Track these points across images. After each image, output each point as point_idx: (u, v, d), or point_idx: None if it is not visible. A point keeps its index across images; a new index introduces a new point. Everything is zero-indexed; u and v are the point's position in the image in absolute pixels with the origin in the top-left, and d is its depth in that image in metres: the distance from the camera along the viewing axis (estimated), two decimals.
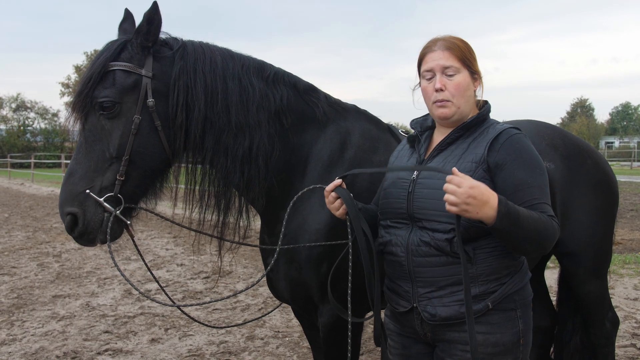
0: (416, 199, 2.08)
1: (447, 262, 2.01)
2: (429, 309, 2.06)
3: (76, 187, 2.30)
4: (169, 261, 8.72)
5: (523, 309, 2.07)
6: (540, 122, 3.44)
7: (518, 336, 2.04)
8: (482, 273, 2.00)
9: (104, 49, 2.41)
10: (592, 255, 3.20)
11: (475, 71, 2.13)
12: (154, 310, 6.15)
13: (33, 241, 10.74)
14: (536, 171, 1.99)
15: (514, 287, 2.04)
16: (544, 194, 1.97)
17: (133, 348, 5.06)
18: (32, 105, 57.49)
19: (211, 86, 2.46)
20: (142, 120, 2.37)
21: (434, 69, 2.10)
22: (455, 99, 2.08)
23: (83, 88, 2.34)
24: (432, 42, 2.15)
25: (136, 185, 2.40)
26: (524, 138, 2.04)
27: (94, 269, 8.19)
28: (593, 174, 3.21)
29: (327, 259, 2.56)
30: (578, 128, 63.40)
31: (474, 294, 1.99)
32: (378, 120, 2.97)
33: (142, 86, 2.38)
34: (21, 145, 51.35)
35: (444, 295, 2.04)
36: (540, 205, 1.94)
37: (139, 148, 2.37)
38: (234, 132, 2.48)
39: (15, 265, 8.53)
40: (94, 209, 2.30)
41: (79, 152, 2.35)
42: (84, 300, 6.57)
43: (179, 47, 2.48)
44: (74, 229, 2.32)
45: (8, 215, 14.86)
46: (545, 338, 3.71)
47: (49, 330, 5.54)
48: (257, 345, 5.08)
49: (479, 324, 1.99)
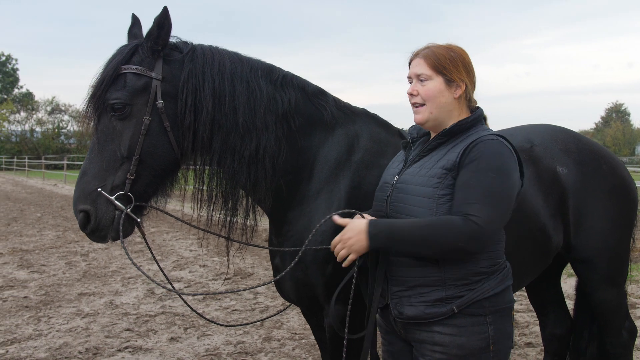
0: (392, 203, 2.22)
1: (416, 264, 2.12)
2: (398, 307, 2.18)
3: (88, 186, 2.39)
4: (192, 262, 8.85)
5: (495, 316, 2.09)
6: (556, 126, 3.40)
7: (487, 342, 2.07)
8: (449, 277, 2.08)
9: (116, 53, 2.49)
10: (607, 262, 3.15)
11: (453, 79, 2.17)
12: (174, 310, 6.25)
13: (63, 240, 11.03)
14: (487, 174, 2.01)
15: (485, 293, 2.07)
16: (481, 195, 1.99)
17: (152, 346, 5.16)
18: (66, 108, 58.89)
19: (219, 88, 2.52)
20: (152, 121, 2.44)
21: (411, 75, 2.24)
22: (427, 104, 2.19)
23: (96, 90, 2.43)
24: (420, 49, 2.26)
25: (146, 185, 2.48)
26: (494, 144, 2.06)
27: (119, 269, 8.37)
28: (609, 180, 3.16)
29: (332, 260, 2.58)
30: (613, 133, 62.00)
31: (440, 296, 2.08)
32: (388, 124, 2.98)
33: (152, 88, 2.45)
34: (55, 147, 52.73)
35: (412, 295, 2.14)
36: (465, 206, 1.99)
37: (149, 148, 2.44)
38: (241, 133, 2.53)
39: (45, 264, 8.77)
40: (105, 206, 2.38)
41: (91, 152, 2.44)
42: (108, 299, 6.72)
43: (188, 50, 2.55)
44: (86, 226, 2.40)
45: (40, 215, 15.28)
46: (560, 346, 3.66)
47: (73, 327, 5.69)
48: (274, 346, 5.13)
49: (445, 325, 2.08)
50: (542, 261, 3.07)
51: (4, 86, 63.48)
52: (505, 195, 2.02)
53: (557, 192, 3.05)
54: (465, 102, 2.22)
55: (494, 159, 2.03)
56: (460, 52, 2.21)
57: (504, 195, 2.02)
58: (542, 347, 4.95)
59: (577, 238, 3.12)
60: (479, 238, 1.97)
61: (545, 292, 3.70)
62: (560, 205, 3.05)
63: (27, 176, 36.98)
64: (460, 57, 2.19)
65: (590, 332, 3.49)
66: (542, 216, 2.97)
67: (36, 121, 57.73)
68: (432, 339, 2.11)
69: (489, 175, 2.00)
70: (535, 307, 3.79)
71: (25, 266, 8.55)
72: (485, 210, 1.97)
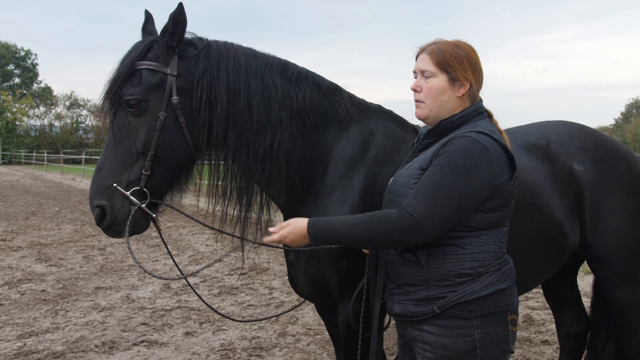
0: (385, 203, 2.27)
1: (404, 263, 2.14)
2: (390, 303, 2.23)
3: (104, 181, 2.42)
4: (208, 257, 8.91)
5: (483, 320, 2.03)
6: (573, 123, 3.36)
7: (473, 345, 2.03)
8: (432, 277, 2.07)
9: (132, 49, 2.51)
10: (623, 260, 3.11)
11: (458, 77, 2.12)
12: (190, 304, 6.30)
13: (80, 234, 11.16)
14: (443, 169, 1.97)
15: (468, 296, 2.02)
16: (427, 190, 1.97)
17: (168, 340, 5.20)
18: (85, 103, 59.41)
19: (234, 84, 2.53)
20: (167, 117, 2.46)
21: (416, 70, 2.22)
22: (428, 101, 2.16)
23: (111, 87, 2.45)
24: (427, 44, 2.22)
25: (161, 180, 2.50)
26: (464, 140, 2.01)
27: (135, 263, 8.42)
28: (626, 177, 3.12)
29: (346, 256, 2.59)
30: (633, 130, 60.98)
31: (423, 296, 2.09)
32: (403, 121, 2.97)
33: (167, 84, 2.46)
34: (74, 142, 53.30)
35: (401, 293, 2.17)
36: (409, 199, 1.99)
37: (164, 144, 2.46)
38: (255, 129, 2.54)
39: (63, 257, 8.89)
40: (121, 202, 2.41)
41: (107, 148, 2.46)
42: (125, 293, 6.79)
43: (203, 46, 2.56)
44: (102, 221, 2.43)
45: (59, 209, 15.48)
46: (577, 344, 3.62)
47: (89, 320, 5.76)
48: (289, 341, 5.15)
49: (432, 325, 2.08)
50: (559, 259, 3.04)
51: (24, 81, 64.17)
52: (455, 192, 1.95)
53: (573, 190, 3.01)
54: (469, 100, 2.17)
55: (457, 156, 1.98)
56: (468, 49, 2.16)
57: (453, 192, 1.94)
58: (558, 345, 4.91)
59: (594, 236, 3.08)
60: (415, 230, 1.93)
61: (561, 289, 3.66)
62: (577, 203, 3.01)
63: (45, 170, 37.46)
64: (466, 55, 2.14)
65: (607, 330, 3.45)
66: (558, 214, 2.94)
67: (55, 116, 58.37)
68: (421, 338, 2.12)
69: (444, 171, 1.97)
70: (551, 304, 3.76)
71: (44, 260, 8.67)
72: (425, 204, 1.93)
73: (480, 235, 2.05)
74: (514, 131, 3.26)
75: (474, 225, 2.04)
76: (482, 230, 2.06)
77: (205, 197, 2.68)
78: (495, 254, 2.09)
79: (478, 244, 2.05)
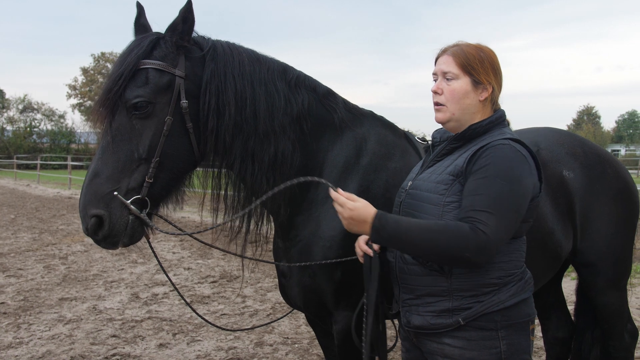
0: (404, 209, 2.16)
1: (424, 272, 2.04)
2: (407, 315, 2.13)
3: (101, 188, 2.23)
4: (175, 265, 8.68)
5: (508, 330, 1.99)
6: (561, 130, 3.39)
7: (499, 357, 1.98)
8: (457, 288, 1.99)
9: (134, 46, 2.33)
10: (611, 266, 3.14)
11: (481, 81, 2.07)
12: (161, 314, 6.10)
13: (39, 243, 10.72)
14: (495, 180, 1.90)
15: (495, 306, 1.97)
16: (488, 203, 1.87)
17: (141, 353, 5.01)
18: (39, 107, 57.67)
19: (241, 91, 2.41)
20: (174, 122, 2.31)
21: (437, 72, 2.14)
22: (450, 105, 2.09)
23: (113, 85, 2.25)
24: (449, 46, 2.16)
25: (162, 188, 2.35)
26: (504, 148, 1.95)
27: (100, 272, 8.15)
28: (614, 184, 3.15)
29: (341, 266, 2.52)
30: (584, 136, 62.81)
31: (446, 307, 2.01)
32: (394, 126, 2.93)
33: (176, 86, 2.31)
34: (27, 147, 51.44)
35: (420, 304, 2.08)
36: (472, 213, 1.88)
37: (169, 150, 2.31)
38: (260, 138, 2.44)
39: (22, 267, 8.50)
40: (119, 211, 2.24)
41: (105, 152, 2.26)
42: (91, 304, 6.52)
43: (209, 47, 2.42)
44: (97, 232, 2.24)
45: (14, 217, 14.86)
46: (563, 349, 3.64)
47: (55, 334, 5.49)
48: (266, 351, 5.02)
49: (455, 338, 2.01)
50: (554, 266, 3.04)
51: None
52: (514, 203, 1.90)
53: (564, 197, 3.02)
54: (490, 105, 2.12)
55: (503, 164, 1.92)
56: (490, 53, 2.11)
57: (513, 203, 1.90)
58: (535, 348, 4.95)
59: (583, 242, 3.10)
60: (487, 249, 1.85)
61: (546, 295, 3.67)
62: (568, 210, 3.02)
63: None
64: (489, 58, 2.09)
65: (592, 335, 3.47)
66: (551, 221, 2.94)
67: (7, 120, 56.40)
68: (442, 351, 2.03)
69: (497, 182, 1.89)
70: (538, 310, 3.76)
71: (1, 270, 8.27)
72: (493, 219, 1.85)
73: (507, 245, 2.00)
74: None
75: None
76: (510, 240, 2.00)
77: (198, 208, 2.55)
78: (519, 262, 2.06)
79: (505, 253, 2.00)
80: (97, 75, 61.42)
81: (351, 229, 2.03)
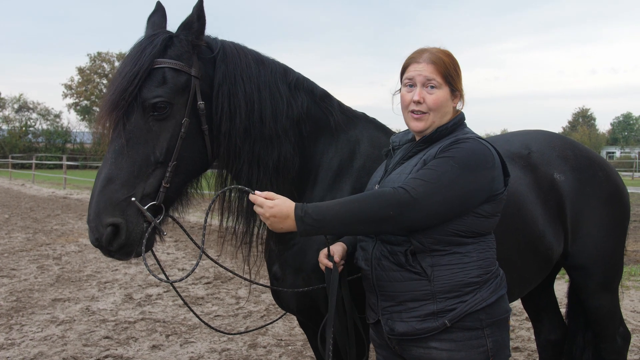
0: None
1: (406, 278, 2.03)
2: (389, 322, 2.10)
3: (117, 195, 2.09)
4: (170, 265, 8.66)
5: (492, 328, 2.02)
6: (552, 132, 3.39)
7: (486, 355, 2.01)
8: (440, 290, 2.00)
9: (146, 44, 2.24)
10: (603, 268, 3.15)
11: (457, 88, 2.12)
12: (154, 316, 6.08)
13: (33, 243, 10.68)
14: (448, 162, 1.94)
15: (478, 304, 1.99)
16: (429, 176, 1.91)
17: (134, 354, 4.99)
18: (35, 106, 57.45)
19: (250, 94, 2.38)
20: (190, 124, 2.25)
21: (415, 79, 2.11)
22: (433, 113, 2.10)
23: (128, 85, 2.13)
24: (419, 52, 2.15)
25: (174, 192, 2.29)
26: (472, 142, 2.01)
27: (94, 273, 8.13)
28: (604, 187, 3.16)
29: None
30: (579, 138, 63.39)
31: (431, 310, 2.00)
32: (386, 128, 2.93)
33: (192, 87, 2.26)
34: (23, 146, 51.27)
35: (402, 311, 2.06)
36: (407, 181, 1.93)
37: (185, 153, 2.25)
38: (266, 141, 2.42)
39: (15, 268, 8.47)
40: (136, 219, 2.12)
41: (118, 155, 2.12)
42: (84, 305, 6.50)
43: (219, 48, 2.38)
44: (112, 242, 2.09)
45: (8, 216, 14.80)
46: (555, 352, 3.65)
47: (48, 335, 5.47)
48: (260, 353, 5.01)
49: (441, 341, 2.00)
50: (545, 268, 3.05)
51: None
52: (458, 187, 1.91)
53: (555, 199, 3.03)
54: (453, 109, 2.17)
55: (464, 153, 1.97)
56: (455, 58, 2.16)
57: (456, 185, 1.91)
58: (529, 351, 4.97)
59: (574, 245, 3.11)
60: (410, 205, 1.86)
61: (538, 298, 3.68)
62: (559, 213, 3.03)
63: None
64: (458, 65, 2.14)
65: (584, 338, 3.48)
66: (541, 224, 2.95)
67: (2, 119, 56.19)
68: (429, 356, 2.02)
69: (449, 163, 1.94)
70: (530, 313, 3.78)
71: None
72: (424, 187, 1.88)
73: (480, 242, 2.04)
74: (495, 140, 3.27)
75: (475, 232, 2.02)
76: (482, 237, 2.05)
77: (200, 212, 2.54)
78: (493, 260, 2.10)
79: (480, 251, 2.04)
80: (93, 74, 61.26)
81: (276, 227, 1.97)
